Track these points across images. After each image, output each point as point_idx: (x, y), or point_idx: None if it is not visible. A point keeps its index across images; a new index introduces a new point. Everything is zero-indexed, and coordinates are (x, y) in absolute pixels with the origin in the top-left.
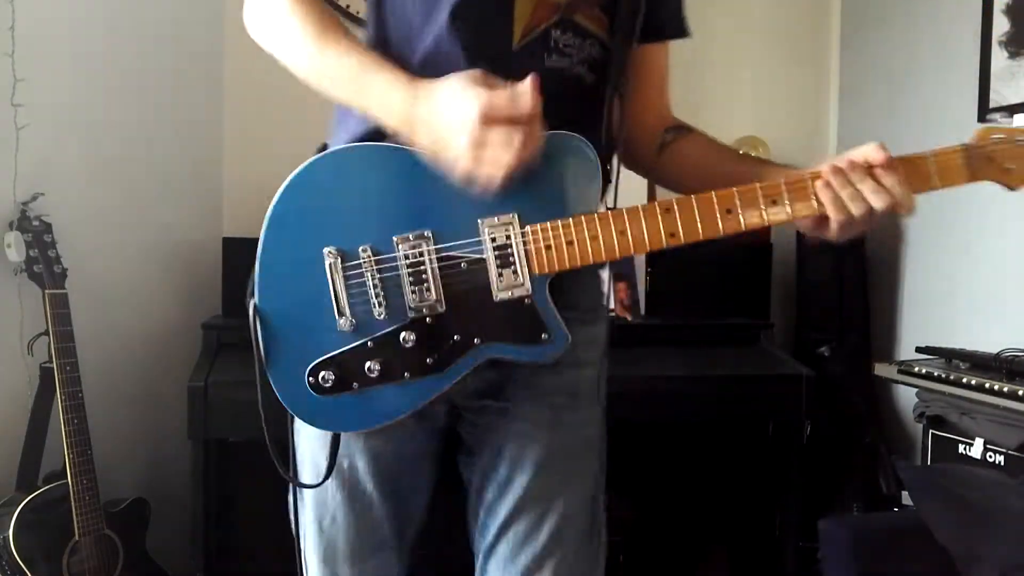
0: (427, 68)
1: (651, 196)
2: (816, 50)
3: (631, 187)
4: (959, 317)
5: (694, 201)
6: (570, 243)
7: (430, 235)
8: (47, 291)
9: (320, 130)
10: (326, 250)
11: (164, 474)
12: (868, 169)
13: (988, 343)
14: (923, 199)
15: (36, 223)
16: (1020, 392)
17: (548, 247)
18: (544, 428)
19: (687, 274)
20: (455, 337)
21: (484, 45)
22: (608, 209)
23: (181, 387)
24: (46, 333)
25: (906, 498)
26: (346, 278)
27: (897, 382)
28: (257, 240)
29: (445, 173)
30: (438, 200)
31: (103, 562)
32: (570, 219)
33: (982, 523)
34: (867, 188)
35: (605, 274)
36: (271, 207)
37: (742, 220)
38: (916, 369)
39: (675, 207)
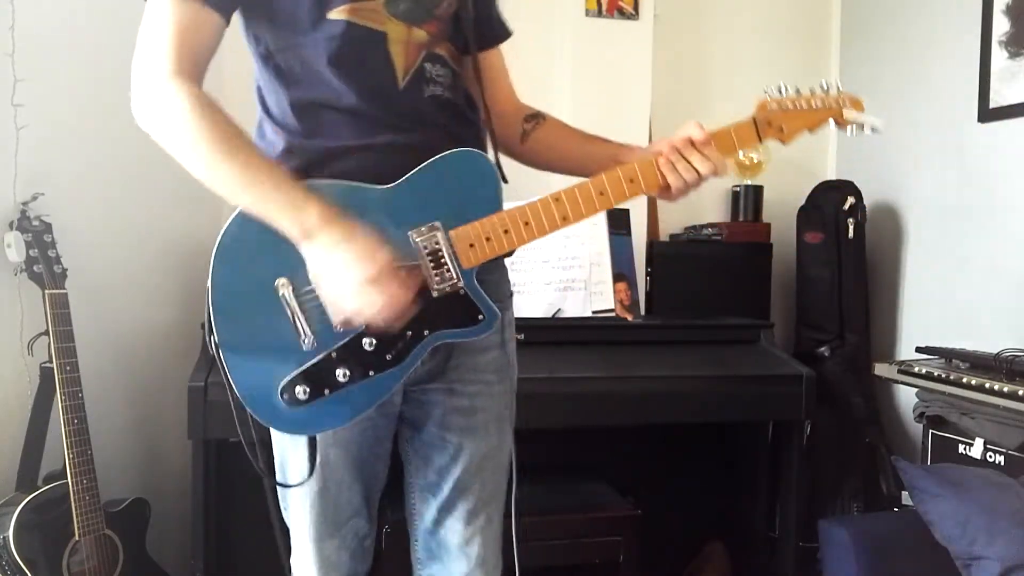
0: (322, 112)
1: None
2: (816, 50)
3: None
4: (959, 317)
5: (576, 190)
6: (488, 239)
7: None
8: (47, 291)
9: None
10: (279, 281)
11: (164, 474)
12: (692, 144)
13: (988, 343)
14: (922, 201)
15: (36, 223)
16: (1020, 392)
17: (471, 245)
18: (481, 399)
19: (687, 274)
20: (408, 333)
21: (375, 90)
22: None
23: (181, 387)
24: (46, 333)
25: (906, 498)
26: (300, 302)
27: (897, 382)
28: None
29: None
30: (369, 222)
31: (103, 562)
32: (484, 219)
33: (982, 523)
34: (695, 159)
35: (507, 262)
36: (216, 246)
37: (612, 198)
38: (916, 369)
39: (562, 196)
